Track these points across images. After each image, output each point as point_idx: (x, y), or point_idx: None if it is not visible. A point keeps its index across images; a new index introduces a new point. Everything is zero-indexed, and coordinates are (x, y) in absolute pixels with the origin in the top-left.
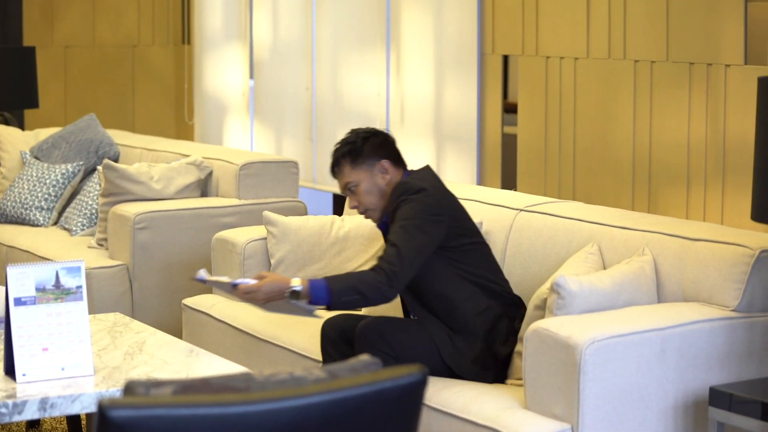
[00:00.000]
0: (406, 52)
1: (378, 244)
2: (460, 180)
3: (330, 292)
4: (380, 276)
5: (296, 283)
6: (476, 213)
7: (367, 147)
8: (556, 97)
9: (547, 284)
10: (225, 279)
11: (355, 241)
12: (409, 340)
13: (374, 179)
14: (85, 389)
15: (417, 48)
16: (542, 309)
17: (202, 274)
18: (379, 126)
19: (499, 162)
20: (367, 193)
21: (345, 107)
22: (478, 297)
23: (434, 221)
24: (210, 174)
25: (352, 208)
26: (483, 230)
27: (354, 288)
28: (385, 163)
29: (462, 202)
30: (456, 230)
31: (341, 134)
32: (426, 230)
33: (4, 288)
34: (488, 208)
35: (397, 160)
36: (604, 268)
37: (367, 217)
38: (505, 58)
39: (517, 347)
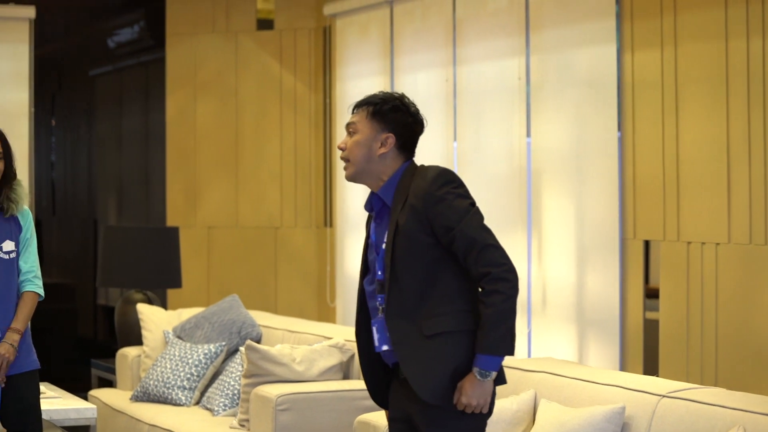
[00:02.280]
0: (547, 236)
1: (521, 428)
2: (602, 365)
3: (493, 355)
4: (501, 288)
5: (479, 374)
6: (618, 398)
7: (390, 116)
8: (698, 282)
9: None
10: None
11: (496, 426)
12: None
13: (373, 142)
14: None
15: (558, 233)
16: None
17: None
18: (521, 313)
19: (641, 347)
20: (357, 145)
21: None
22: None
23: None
24: (352, 357)
25: (339, 147)
26: (625, 415)
27: (505, 329)
28: (391, 139)
29: (604, 387)
30: None
31: None
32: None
33: None
34: (630, 393)
35: (405, 147)
36: None
37: (344, 165)
38: (647, 243)
39: None
